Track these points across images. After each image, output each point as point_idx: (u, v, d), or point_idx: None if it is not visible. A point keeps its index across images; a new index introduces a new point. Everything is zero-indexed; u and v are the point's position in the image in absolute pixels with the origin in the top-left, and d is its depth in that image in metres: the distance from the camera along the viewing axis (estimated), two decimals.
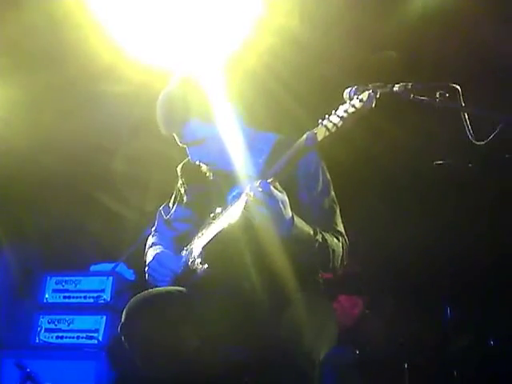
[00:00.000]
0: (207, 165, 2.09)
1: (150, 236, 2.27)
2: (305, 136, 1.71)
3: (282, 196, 1.73)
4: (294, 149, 1.75)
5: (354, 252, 2.07)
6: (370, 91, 1.64)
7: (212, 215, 1.98)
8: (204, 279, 1.93)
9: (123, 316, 1.85)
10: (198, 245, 1.98)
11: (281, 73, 3.36)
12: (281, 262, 1.83)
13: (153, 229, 2.30)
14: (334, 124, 1.64)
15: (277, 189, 1.73)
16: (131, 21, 3.04)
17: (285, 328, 1.73)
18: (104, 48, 3.13)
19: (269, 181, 1.73)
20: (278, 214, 1.71)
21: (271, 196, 1.69)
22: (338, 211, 2.03)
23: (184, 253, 2.04)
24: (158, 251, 2.06)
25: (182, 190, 2.25)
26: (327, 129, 1.65)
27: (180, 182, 2.27)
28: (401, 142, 3.50)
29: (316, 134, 1.68)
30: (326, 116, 1.68)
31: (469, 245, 3.36)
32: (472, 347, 3.31)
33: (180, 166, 2.29)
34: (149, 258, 2.07)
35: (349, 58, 3.27)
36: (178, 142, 2.04)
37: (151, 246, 2.18)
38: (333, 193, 2.05)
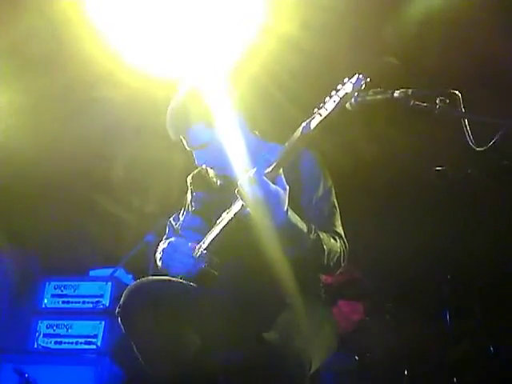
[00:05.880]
0: (213, 169, 2.15)
1: (161, 243, 2.24)
2: (301, 127, 1.73)
3: (276, 188, 1.73)
4: (291, 140, 1.76)
5: (354, 258, 2.07)
6: (360, 75, 1.66)
7: (218, 221, 1.99)
8: (204, 277, 1.94)
9: (122, 298, 1.84)
10: (201, 247, 1.99)
11: (283, 79, 3.36)
12: (280, 264, 1.82)
13: (164, 237, 2.29)
14: (327, 109, 1.67)
15: (275, 182, 1.74)
16: (130, 27, 3.05)
17: (277, 330, 1.73)
18: (102, 54, 3.14)
19: (266, 171, 1.75)
20: (269, 202, 1.72)
21: (263, 181, 1.71)
22: (337, 215, 2.04)
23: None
24: (173, 239, 2.05)
25: (191, 199, 2.27)
26: (320, 115, 1.68)
27: (189, 190, 2.30)
28: (401, 148, 3.51)
29: (310, 122, 1.70)
30: (320, 105, 1.70)
31: (470, 251, 3.36)
32: (472, 354, 3.30)
33: (190, 176, 2.32)
34: (162, 246, 2.06)
35: (351, 65, 3.27)
36: (186, 147, 2.11)
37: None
38: (334, 198, 2.07)
